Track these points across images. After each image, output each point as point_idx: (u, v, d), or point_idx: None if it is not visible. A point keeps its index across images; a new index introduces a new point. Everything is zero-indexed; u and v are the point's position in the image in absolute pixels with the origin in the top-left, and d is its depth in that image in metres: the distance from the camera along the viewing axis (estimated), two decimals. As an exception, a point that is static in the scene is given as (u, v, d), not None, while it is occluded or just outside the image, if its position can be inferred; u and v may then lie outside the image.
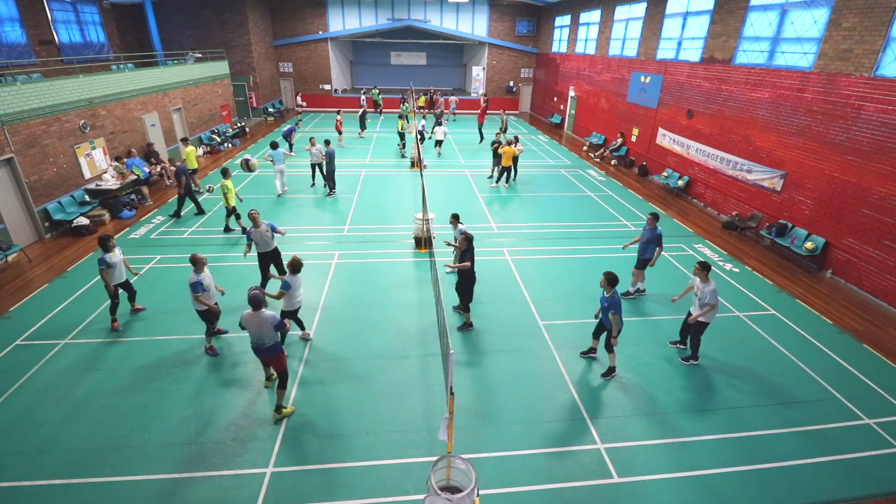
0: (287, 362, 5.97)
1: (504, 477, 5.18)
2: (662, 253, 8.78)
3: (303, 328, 7.42)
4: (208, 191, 13.16)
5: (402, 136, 20.10)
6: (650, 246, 8.28)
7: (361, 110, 23.13)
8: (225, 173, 10.86)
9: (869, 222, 9.14)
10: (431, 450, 5.48)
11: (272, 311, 5.66)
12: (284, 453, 5.41)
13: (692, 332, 6.95)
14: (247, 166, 12.24)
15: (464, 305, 7.71)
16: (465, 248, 7.24)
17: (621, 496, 5.01)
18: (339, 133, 20.73)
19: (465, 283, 7.48)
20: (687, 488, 5.12)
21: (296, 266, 6.55)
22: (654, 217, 8.26)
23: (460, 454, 4.73)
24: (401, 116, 20.24)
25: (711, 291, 6.47)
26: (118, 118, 14.14)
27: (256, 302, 5.48)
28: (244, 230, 11.38)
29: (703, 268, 6.54)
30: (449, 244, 8.30)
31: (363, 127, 22.85)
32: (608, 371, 6.80)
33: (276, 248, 8.50)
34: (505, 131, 19.98)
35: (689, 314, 6.91)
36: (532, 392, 6.46)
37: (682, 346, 7.37)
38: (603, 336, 6.91)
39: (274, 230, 8.32)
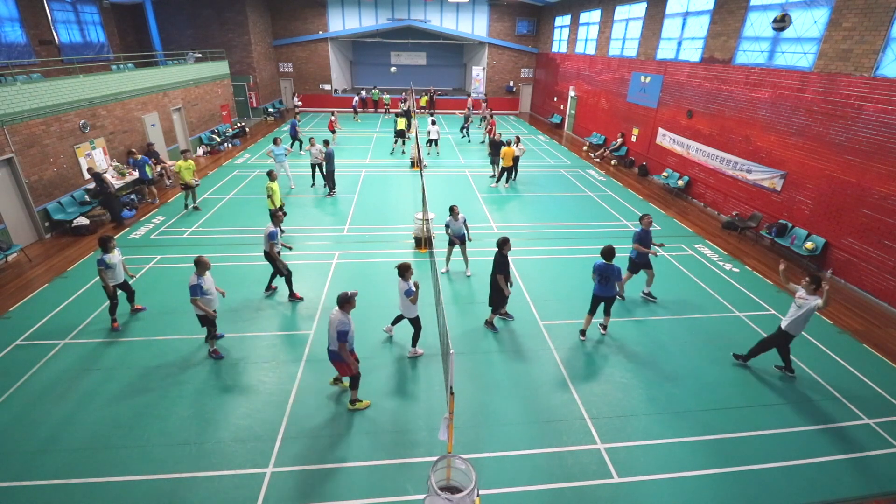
0: (353, 370, 5.85)
1: (504, 477, 5.18)
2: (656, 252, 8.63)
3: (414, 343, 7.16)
4: (195, 209, 12.66)
5: (402, 132, 20.19)
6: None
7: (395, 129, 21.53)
8: (270, 175, 10.83)
9: (869, 222, 9.13)
10: (431, 450, 5.48)
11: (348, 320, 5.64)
12: (284, 453, 5.41)
13: (779, 347, 6.71)
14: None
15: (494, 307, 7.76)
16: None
17: (621, 496, 5.01)
18: (333, 132, 20.92)
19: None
20: (687, 488, 5.12)
21: (402, 269, 6.60)
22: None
23: (460, 454, 4.73)
24: (405, 113, 20.55)
25: (811, 308, 6.20)
26: (118, 118, 14.14)
27: (340, 300, 5.62)
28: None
29: (813, 282, 6.25)
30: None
31: (402, 138, 21.10)
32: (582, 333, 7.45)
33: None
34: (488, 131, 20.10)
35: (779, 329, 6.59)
36: (532, 392, 6.45)
37: (742, 361, 7.11)
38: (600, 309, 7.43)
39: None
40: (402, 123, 19.55)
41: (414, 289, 6.53)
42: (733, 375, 6.89)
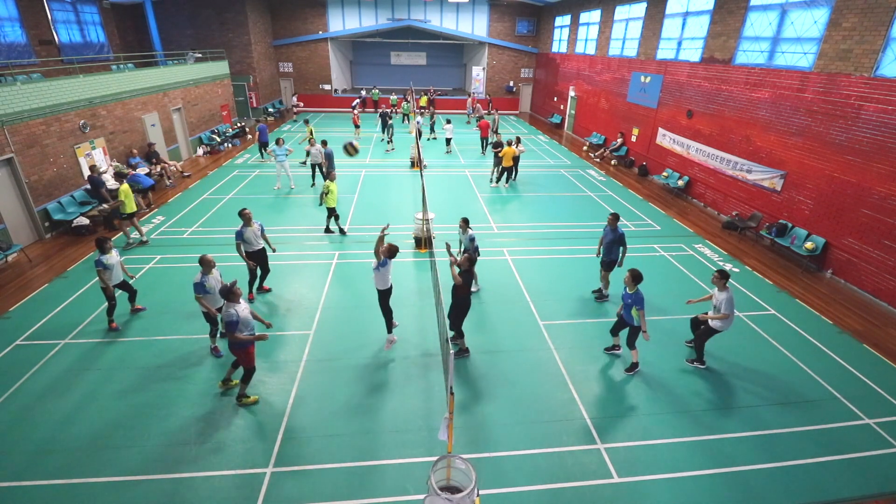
0: (249, 361, 5.94)
1: (504, 477, 5.18)
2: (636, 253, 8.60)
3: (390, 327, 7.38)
4: (143, 243, 10.92)
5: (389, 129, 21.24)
6: (614, 247, 8.32)
7: (381, 116, 21.09)
8: (329, 175, 10.86)
9: (869, 222, 9.13)
10: (431, 450, 5.48)
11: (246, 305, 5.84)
12: (284, 453, 5.41)
13: (698, 333, 6.93)
14: (351, 149, 13.46)
15: (456, 330, 6.94)
16: (467, 268, 6.63)
17: (621, 496, 5.01)
18: (357, 127, 21.56)
19: (461, 305, 6.74)
20: (687, 488, 5.12)
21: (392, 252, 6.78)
22: (615, 217, 8.31)
23: (460, 454, 4.73)
24: (382, 115, 21.36)
25: (726, 300, 6.44)
26: (118, 118, 14.14)
27: (223, 293, 5.77)
28: (341, 231, 11.44)
29: (721, 276, 6.53)
30: (450, 254, 7.25)
31: (389, 134, 20.68)
32: (632, 367, 6.90)
33: (262, 248, 8.38)
34: (496, 131, 19.98)
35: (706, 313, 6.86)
36: (532, 392, 6.45)
37: (690, 345, 7.39)
38: (624, 333, 6.98)
39: (263, 231, 8.34)
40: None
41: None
42: (732, 376, 6.89)
